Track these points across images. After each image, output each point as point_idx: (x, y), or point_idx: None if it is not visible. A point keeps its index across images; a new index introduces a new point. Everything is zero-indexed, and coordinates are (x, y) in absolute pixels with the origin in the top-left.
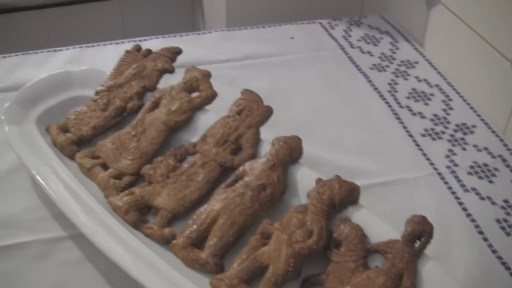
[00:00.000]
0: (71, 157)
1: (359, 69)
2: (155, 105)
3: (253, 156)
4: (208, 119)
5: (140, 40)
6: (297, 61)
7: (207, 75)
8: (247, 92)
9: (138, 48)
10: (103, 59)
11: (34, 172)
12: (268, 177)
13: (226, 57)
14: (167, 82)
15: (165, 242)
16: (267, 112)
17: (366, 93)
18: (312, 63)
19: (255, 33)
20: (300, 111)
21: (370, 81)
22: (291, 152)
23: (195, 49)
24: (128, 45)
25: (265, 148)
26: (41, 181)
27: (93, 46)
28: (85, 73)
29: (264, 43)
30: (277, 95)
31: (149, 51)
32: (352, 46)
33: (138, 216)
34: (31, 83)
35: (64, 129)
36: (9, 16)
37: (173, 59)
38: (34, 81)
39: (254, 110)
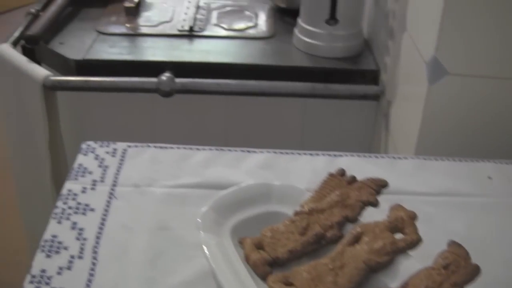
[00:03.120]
0: (263, 277)
1: None
2: (356, 239)
3: None
4: (409, 265)
5: (335, 156)
6: (494, 206)
7: (413, 217)
8: (454, 245)
9: (342, 173)
10: (296, 169)
11: (225, 287)
12: None
13: (421, 190)
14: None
15: None
16: (475, 272)
17: None
18: (511, 211)
19: (450, 166)
20: (494, 265)
21: None
22: None
23: (389, 174)
24: (323, 159)
25: None
26: None
27: (287, 153)
28: (285, 189)
29: (460, 179)
30: (472, 242)
31: (353, 179)
32: None
33: None
34: (230, 191)
35: (259, 246)
36: (193, 97)
37: (378, 192)
38: (232, 189)
39: (461, 268)
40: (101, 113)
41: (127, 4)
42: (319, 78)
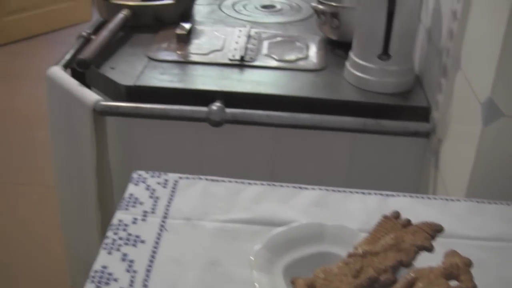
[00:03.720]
0: None
1: None
2: (410, 285)
3: None
4: None
5: (387, 195)
6: None
7: (468, 264)
8: None
9: (397, 216)
10: (347, 208)
11: None
12: None
13: (474, 234)
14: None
15: None
16: None
17: None
18: None
19: (504, 210)
20: None
21: None
22: None
23: (442, 217)
24: (375, 198)
25: None
26: None
27: (338, 191)
28: (338, 230)
29: None
30: None
31: (408, 222)
32: None
33: None
34: (283, 229)
35: (311, 287)
36: (242, 128)
37: (433, 237)
38: (285, 228)
39: None
40: (150, 140)
41: (179, 31)
42: (369, 113)
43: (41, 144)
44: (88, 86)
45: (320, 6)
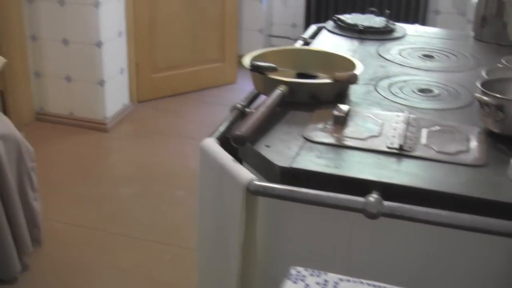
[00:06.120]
0: None
1: None
2: None
3: None
4: None
5: None
6: None
7: None
8: None
9: None
10: None
11: None
12: None
13: None
14: None
15: None
16: None
17: None
18: None
19: None
20: None
21: None
22: None
23: None
24: None
25: None
26: None
27: None
28: None
29: None
30: None
31: None
32: None
33: None
34: None
35: None
36: (396, 222)
37: None
38: None
39: None
40: (299, 223)
41: (337, 113)
42: None
43: (178, 203)
44: (239, 160)
45: (485, 98)
